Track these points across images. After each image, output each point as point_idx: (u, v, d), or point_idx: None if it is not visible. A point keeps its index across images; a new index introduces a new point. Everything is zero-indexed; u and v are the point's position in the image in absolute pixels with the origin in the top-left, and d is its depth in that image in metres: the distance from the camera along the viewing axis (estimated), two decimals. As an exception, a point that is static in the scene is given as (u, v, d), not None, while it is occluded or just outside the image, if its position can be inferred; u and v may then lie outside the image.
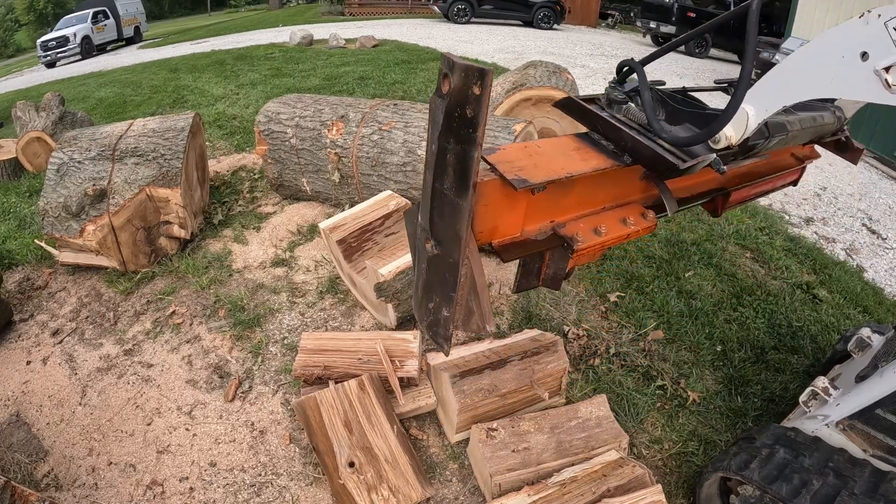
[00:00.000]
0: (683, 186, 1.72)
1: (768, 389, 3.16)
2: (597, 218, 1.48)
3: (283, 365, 3.17)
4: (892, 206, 6.38)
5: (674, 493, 2.57)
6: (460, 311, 1.27)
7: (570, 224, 1.43)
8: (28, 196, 5.33)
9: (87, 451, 2.78)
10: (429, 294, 1.31)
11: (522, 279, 1.54)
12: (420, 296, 1.35)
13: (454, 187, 1.09)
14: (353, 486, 2.35)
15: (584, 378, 3.08)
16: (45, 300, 3.81)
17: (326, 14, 23.72)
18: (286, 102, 4.48)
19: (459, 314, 1.27)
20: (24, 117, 6.31)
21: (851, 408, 2.19)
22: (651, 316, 3.55)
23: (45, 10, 38.14)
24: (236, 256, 4.12)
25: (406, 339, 2.89)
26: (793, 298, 3.94)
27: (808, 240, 4.96)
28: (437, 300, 1.29)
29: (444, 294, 1.25)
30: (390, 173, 3.87)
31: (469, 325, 1.29)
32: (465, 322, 1.29)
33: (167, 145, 3.98)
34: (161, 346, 3.38)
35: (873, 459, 2.09)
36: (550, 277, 1.50)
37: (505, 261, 1.36)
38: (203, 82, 9.41)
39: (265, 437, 2.80)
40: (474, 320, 1.27)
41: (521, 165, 1.26)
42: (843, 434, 2.20)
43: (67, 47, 20.08)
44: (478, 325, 1.27)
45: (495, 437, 2.45)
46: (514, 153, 1.30)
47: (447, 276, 1.22)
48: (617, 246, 4.16)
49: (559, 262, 1.46)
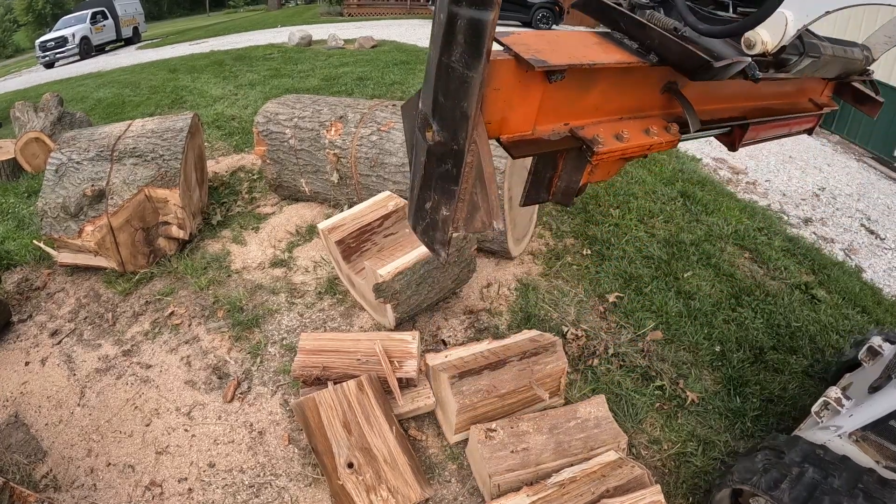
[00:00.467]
0: (704, 110, 1.61)
1: (767, 390, 3.16)
2: (617, 124, 1.34)
3: (281, 365, 3.17)
4: (891, 207, 6.39)
5: (673, 494, 2.57)
6: (463, 208, 1.12)
7: (588, 127, 1.28)
8: (27, 197, 5.32)
9: (86, 451, 2.78)
10: (426, 193, 1.17)
11: (531, 190, 1.43)
12: (416, 196, 1.20)
13: (464, 57, 0.96)
14: (352, 486, 2.35)
15: (582, 378, 3.09)
16: (43, 301, 3.81)
17: (325, 15, 23.72)
18: (285, 103, 4.47)
19: (462, 212, 1.12)
20: (23, 118, 6.31)
21: (865, 419, 2.16)
22: (650, 316, 3.56)
23: (43, 11, 38.10)
24: (235, 257, 4.12)
25: (405, 340, 2.89)
26: (791, 299, 3.95)
27: (806, 240, 4.97)
28: (435, 198, 1.15)
29: (445, 189, 1.11)
30: (389, 174, 3.87)
31: (472, 224, 1.13)
32: (469, 220, 1.13)
33: (166, 146, 3.97)
34: (160, 346, 3.38)
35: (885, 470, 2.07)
36: (562, 190, 1.38)
37: (514, 157, 1.23)
38: (202, 83, 9.40)
39: (264, 437, 2.80)
40: (479, 217, 1.12)
41: (539, 48, 1.12)
42: (855, 445, 2.18)
43: (66, 48, 20.07)
44: (483, 221, 1.12)
45: (494, 437, 2.45)
46: (531, 38, 1.17)
47: (449, 166, 1.08)
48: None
49: (574, 170, 1.34)
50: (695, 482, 2.62)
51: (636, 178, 5.36)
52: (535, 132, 1.22)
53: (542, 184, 1.40)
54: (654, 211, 4.77)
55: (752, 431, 2.90)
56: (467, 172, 1.07)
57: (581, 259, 4.06)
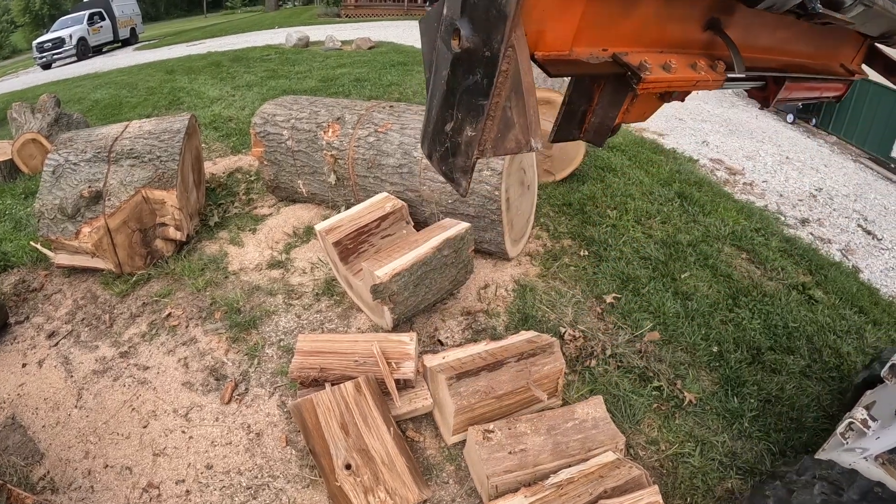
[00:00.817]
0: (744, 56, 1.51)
1: (764, 390, 3.17)
2: (661, 56, 1.22)
3: (279, 367, 3.17)
4: (888, 207, 6.41)
5: (671, 494, 2.57)
6: (492, 126, 0.96)
7: (632, 54, 1.16)
8: (24, 198, 5.32)
9: (83, 453, 2.77)
10: (446, 113, 1.01)
11: (563, 126, 1.32)
12: (434, 119, 1.05)
13: None
14: (350, 488, 2.35)
15: (580, 379, 3.09)
16: (40, 302, 3.80)
17: (323, 16, 23.72)
18: (282, 104, 4.47)
19: (491, 131, 0.96)
20: (20, 119, 6.30)
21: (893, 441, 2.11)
22: (647, 317, 3.56)
23: (41, 12, 38.02)
24: (232, 258, 4.11)
25: (402, 342, 2.89)
26: (788, 299, 3.96)
27: (803, 241, 4.98)
28: (458, 117, 1.00)
29: (471, 105, 0.96)
30: (386, 175, 3.87)
31: (504, 143, 0.97)
32: (500, 139, 0.97)
33: (163, 147, 3.97)
34: (157, 348, 3.37)
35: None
36: (595, 128, 1.27)
37: (552, 74, 1.08)
38: (199, 84, 9.40)
39: (262, 439, 2.80)
40: (513, 135, 0.95)
41: None
42: (881, 468, 2.13)
43: (63, 49, 20.06)
44: (518, 140, 0.95)
45: (492, 438, 2.45)
46: None
47: (479, 76, 0.93)
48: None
49: (611, 104, 1.23)
50: (693, 482, 2.62)
51: (633, 179, 5.37)
52: (572, 53, 1.09)
53: (574, 119, 1.29)
54: (652, 212, 4.78)
55: (749, 432, 2.90)
56: (501, 83, 0.92)
57: (578, 260, 4.06)
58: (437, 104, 1.04)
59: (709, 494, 2.58)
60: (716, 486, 2.62)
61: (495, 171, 3.44)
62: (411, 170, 3.75)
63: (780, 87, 1.61)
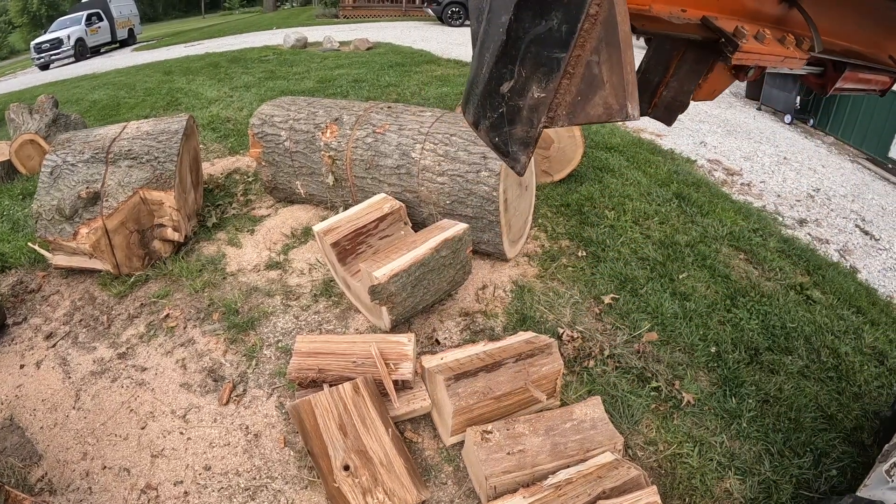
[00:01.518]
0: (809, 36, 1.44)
1: (762, 390, 3.17)
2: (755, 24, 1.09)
3: (277, 368, 3.17)
4: (885, 207, 6.43)
5: (669, 495, 2.57)
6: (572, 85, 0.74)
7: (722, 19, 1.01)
8: (21, 199, 5.31)
9: (81, 455, 2.77)
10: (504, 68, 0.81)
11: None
12: (484, 78, 0.85)
13: None
14: (348, 489, 2.35)
15: (578, 380, 3.09)
16: (38, 303, 3.80)
17: (321, 17, 23.70)
18: (280, 105, 4.47)
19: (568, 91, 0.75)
20: (18, 119, 6.29)
21: None
22: (645, 318, 3.56)
23: (38, 13, 38.01)
24: (230, 259, 4.11)
25: (400, 342, 2.89)
26: (786, 300, 3.96)
27: (801, 241, 4.98)
28: (522, 74, 0.78)
29: (542, 58, 0.75)
30: (384, 176, 3.87)
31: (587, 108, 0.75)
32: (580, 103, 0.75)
33: (161, 148, 3.97)
34: (155, 349, 3.37)
35: None
36: (667, 103, 1.14)
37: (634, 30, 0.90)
38: (197, 85, 9.39)
39: (260, 440, 2.79)
40: (601, 97, 0.74)
41: None
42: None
43: (61, 49, 20.03)
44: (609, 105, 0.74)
45: (490, 439, 2.45)
46: None
47: (556, 21, 0.72)
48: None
49: (688, 76, 1.09)
50: (691, 483, 2.62)
51: (631, 179, 5.37)
52: (651, 9, 0.93)
53: (645, 91, 1.16)
54: (650, 212, 4.78)
55: (747, 432, 2.90)
56: (587, 30, 0.70)
57: (576, 261, 4.06)
58: (490, 58, 0.83)
59: (707, 495, 2.58)
60: (714, 486, 2.62)
61: (493, 172, 3.44)
62: (409, 171, 3.75)
63: (840, 74, 1.51)
